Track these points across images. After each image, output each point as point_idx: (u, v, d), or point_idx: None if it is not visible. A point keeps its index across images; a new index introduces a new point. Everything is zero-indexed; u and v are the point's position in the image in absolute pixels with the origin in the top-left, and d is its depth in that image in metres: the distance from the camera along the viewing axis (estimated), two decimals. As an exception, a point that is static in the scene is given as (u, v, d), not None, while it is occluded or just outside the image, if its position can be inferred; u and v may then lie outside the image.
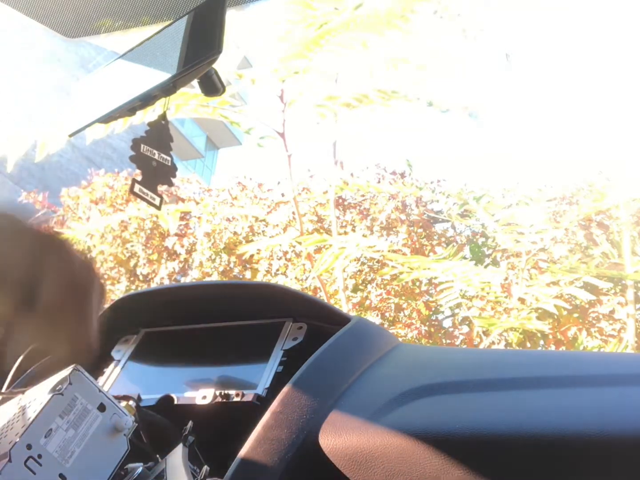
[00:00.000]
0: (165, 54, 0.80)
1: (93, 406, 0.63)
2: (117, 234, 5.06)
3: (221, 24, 0.73)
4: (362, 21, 2.65)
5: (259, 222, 4.83)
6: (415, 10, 2.67)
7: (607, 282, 3.21)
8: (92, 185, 5.72)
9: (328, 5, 2.65)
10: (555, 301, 3.14)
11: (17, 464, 0.57)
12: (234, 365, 0.94)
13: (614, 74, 78.42)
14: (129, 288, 4.94)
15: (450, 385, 0.74)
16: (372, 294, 4.28)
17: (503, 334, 3.45)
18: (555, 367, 0.77)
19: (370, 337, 0.90)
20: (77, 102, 0.90)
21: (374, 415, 0.70)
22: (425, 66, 3.03)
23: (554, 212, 4.05)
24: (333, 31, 2.67)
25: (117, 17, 0.96)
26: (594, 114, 66.30)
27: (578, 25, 76.63)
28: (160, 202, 0.80)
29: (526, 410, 0.67)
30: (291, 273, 4.51)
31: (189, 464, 0.70)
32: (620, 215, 3.64)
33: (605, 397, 0.67)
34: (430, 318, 4.21)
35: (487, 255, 4.48)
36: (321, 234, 3.89)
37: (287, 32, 2.73)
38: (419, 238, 4.58)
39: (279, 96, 3.04)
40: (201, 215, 4.85)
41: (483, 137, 27.77)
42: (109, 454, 0.63)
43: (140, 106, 0.79)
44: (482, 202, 3.71)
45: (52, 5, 0.95)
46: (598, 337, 3.56)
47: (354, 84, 3.12)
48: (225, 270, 4.83)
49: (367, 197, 4.79)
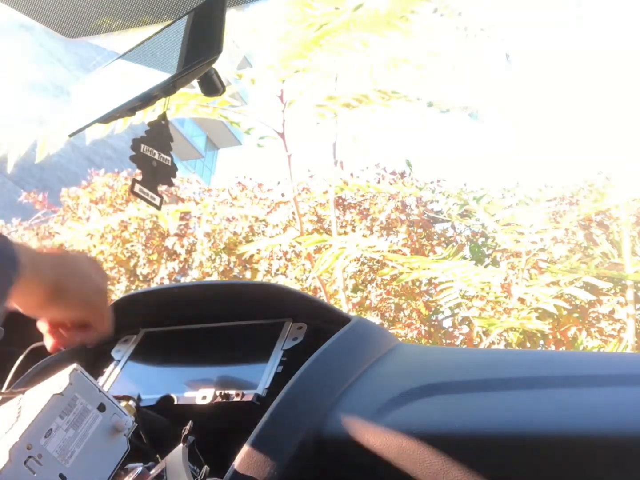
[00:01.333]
0: (165, 54, 0.80)
1: (93, 406, 0.63)
2: (117, 234, 5.06)
3: (221, 24, 0.73)
4: (362, 21, 2.65)
5: (258, 222, 4.82)
6: (415, 11, 2.67)
7: (607, 282, 3.20)
8: (92, 185, 5.72)
9: (328, 5, 2.65)
10: (555, 301, 3.13)
11: (17, 463, 0.57)
12: (234, 365, 0.94)
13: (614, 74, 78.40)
14: (129, 288, 4.94)
15: (450, 385, 0.74)
16: (372, 294, 4.28)
17: (503, 334, 3.45)
18: (555, 367, 0.77)
19: (370, 337, 0.90)
20: (77, 102, 0.90)
21: (374, 415, 0.70)
22: (424, 66, 3.03)
23: (554, 212, 4.05)
24: (333, 31, 2.67)
25: (117, 17, 0.96)
26: (594, 114, 66.22)
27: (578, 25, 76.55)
28: (161, 202, 0.80)
29: (526, 410, 0.67)
30: (291, 273, 4.51)
31: (189, 464, 0.70)
32: (620, 215, 3.64)
33: (606, 397, 0.67)
34: (430, 318, 4.21)
35: (487, 255, 4.48)
36: (321, 234, 3.89)
37: (287, 32, 2.73)
38: (419, 238, 4.58)
39: (279, 96, 3.04)
40: (201, 215, 4.85)
41: (483, 137, 27.76)
42: (109, 454, 0.63)
43: (140, 106, 0.79)
44: (482, 202, 3.71)
45: (52, 5, 0.95)
46: (598, 337, 3.56)
47: (354, 84, 3.12)
48: (225, 270, 4.83)
49: (367, 197, 4.78)
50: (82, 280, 0.74)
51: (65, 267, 0.73)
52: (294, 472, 0.68)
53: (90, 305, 0.74)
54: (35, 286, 0.68)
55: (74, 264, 0.75)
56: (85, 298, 0.74)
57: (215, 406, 0.83)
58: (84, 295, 0.73)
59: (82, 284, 0.74)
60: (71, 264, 0.75)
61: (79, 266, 0.75)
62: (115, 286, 4.99)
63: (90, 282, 0.74)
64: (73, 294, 0.72)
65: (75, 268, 0.74)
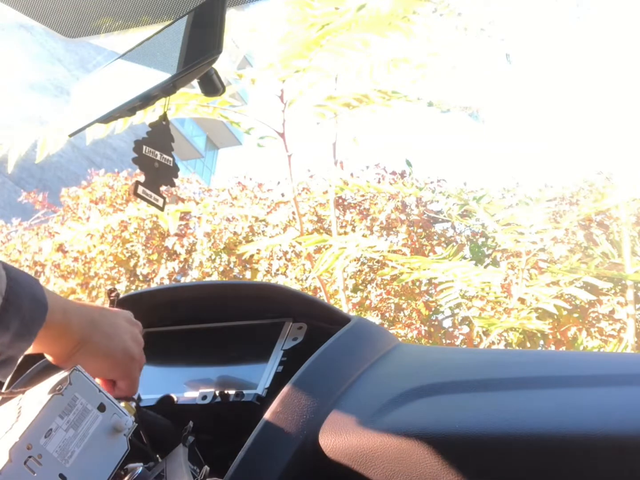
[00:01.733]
0: (165, 54, 0.80)
1: (93, 406, 0.63)
2: (117, 234, 5.06)
3: (221, 24, 0.73)
4: (364, 22, 2.65)
5: (258, 222, 4.82)
6: (417, 12, 2.67)
7: (607, 282, 3.20)
8: (92, 185, 5.72)
9: (328, 5, 2.64)
10: (555, 301, 3.13)
11: (17, 463, 0.57)
12: (234, 365, 0.94)
13: (615, 73, 78.47)
14: (129, 288, 4.94)
15: (450, 385, 0.74)
16: (372, 294, 4.28)
17: (503, 334, 3.45)
18: (555, 367, 0.77)
19: (370, 337, 0.90)
20: (77, 102, 0.90)
21: (374, 415, 0.70)
22: (425, 65, 3.02)
23: (554, 212, 4.04)
24: (334, 31, 2.67)
25: (117, 17, 0.96)
26: (594, 114, 66.27)
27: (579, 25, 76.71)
28: (164, 204, 0.80)
29: (526, 410, 0.67)
30: (291, 273, 4.51)
31: (189, 464, 0.70)
32: (620, 215, 3.64)
33: (605, 397, 0.67)
34: (430, 318, 4.20)
35: (487, 255, 4.48)
36: (321, 234, 3.89)
37: (288, 32, 2.73)
38: (419, 238, 4.58)
39: (279, 96, 3.04)
40: (201, 215, 4.85)
41: (483, 137, 27.82)
42: (109, 454, 0.63)
43: (140, 106, 0.79)
44: (482, 202, 3.71)
45: (52, 5, 0.95)
46: (598, 337, 3.56)
47: (355, 84, 3.12)
48: (225, 271, 4.83)
49: (367, 197, 4.78)
50: (109, 339, 0.73)
51: (96, 321, 0.73)
52: (293, 472, 0.68)
53: (116, 365, 0.73)
54: (63, 335, 0.69)
55: (107, 321, 0.75)
56: (110, 355, 0.73)
57: (215, 406, 0.83)
58: (110, 352, 0.73)
59: (109, 341, 0.73)
60: (103, 320, 0.74)
61: (112, 324, 0.75)
62: (115, 286, 4.99)
63: (118, 343, 0.74)
64: (97, 348, 0.72)
65: (106, 325, 0.74)
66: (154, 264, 5.03)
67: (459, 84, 3.55)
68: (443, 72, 3.09)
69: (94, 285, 5.01)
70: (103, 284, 5.00)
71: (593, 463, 0.61)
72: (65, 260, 5.08)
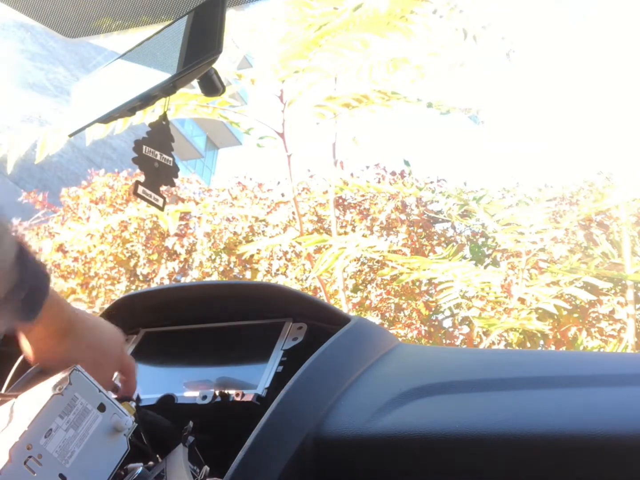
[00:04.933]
0: (165, 54, 0.80)
1: (93, 406, 0.63)
2: (117, 234, 5.05)
3: (221, 24, 0.73)
4: (362, 22, 2.65)
5: (259, 222, 4.82)
6: (415, 11, 2.66)
7: (607, 282, 3.20)
8: (92, 185, 5.71)
9: (327, 5, 2.64)
10: (555, 301, 3.13)
11: (17, 464, 0.57)
12: (234, 365, 0.94)
13: (615, 73, 78.59)
14: (129, 288, 4.93)
15: (450, 385, 0.74)
16: (372, 294, 4.28)
17: (503, 334, 3.45)
18: (555, 367, 0.77)
19: (370, 337, 0.90)
20: (77, 102, 0.90)
21: (374, 415, 0.70)
22: (424, 66, 3.02)
23: (554, 212, 4.04)
24: (333, 32, 2.67)
25: (117, 17, 0.96)
26: (594, 114, 66.39)
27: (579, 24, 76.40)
28: (164, 204, 0.80)
29: (525, 410, 0.67)
30: (291, 273, 4.51)
31: (189, 464, 0.69)
32: (620, 215, 3.64)
33: (605, 397, 0.67)
34: (430, 318, 4.20)
35: (487, 256, 4.48)
36: (321, 234, 3.88)
37: (288, 32, 2.73)
38: (419, 238, 4.58)
39: (279, 96, 3.04)
40: (201, 215, 4.85)
41: (483, 137, 27.84)
42: (109, 454, 0.63)
43: (140, 106, 0.79)
44: (482, 202, 3.71)
45: (52, 5, 0.95)
46: (598, 337, 3.55)
47: (354, 84, 3.12)
48: (225, 271, 4.83)
49: (367, 197, 4.78)
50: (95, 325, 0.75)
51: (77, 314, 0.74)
52: (294, 472, 0.68)
53: (102, 352, 0.74)
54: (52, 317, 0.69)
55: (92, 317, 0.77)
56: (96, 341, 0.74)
57: (215, 406, 0.83)
58: (95, 338, 0.74)
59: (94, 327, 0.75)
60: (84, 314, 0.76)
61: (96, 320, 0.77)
62: (115, 286, 4.99)
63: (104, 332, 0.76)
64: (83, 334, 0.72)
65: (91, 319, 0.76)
66: (154, 264, 5.03)
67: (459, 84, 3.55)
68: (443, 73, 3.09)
69: (94, 286, 5.01)
70: (103, 284, 5.00)
71: (593, 463, 0.61)
72: (65, 260, 5.08)
